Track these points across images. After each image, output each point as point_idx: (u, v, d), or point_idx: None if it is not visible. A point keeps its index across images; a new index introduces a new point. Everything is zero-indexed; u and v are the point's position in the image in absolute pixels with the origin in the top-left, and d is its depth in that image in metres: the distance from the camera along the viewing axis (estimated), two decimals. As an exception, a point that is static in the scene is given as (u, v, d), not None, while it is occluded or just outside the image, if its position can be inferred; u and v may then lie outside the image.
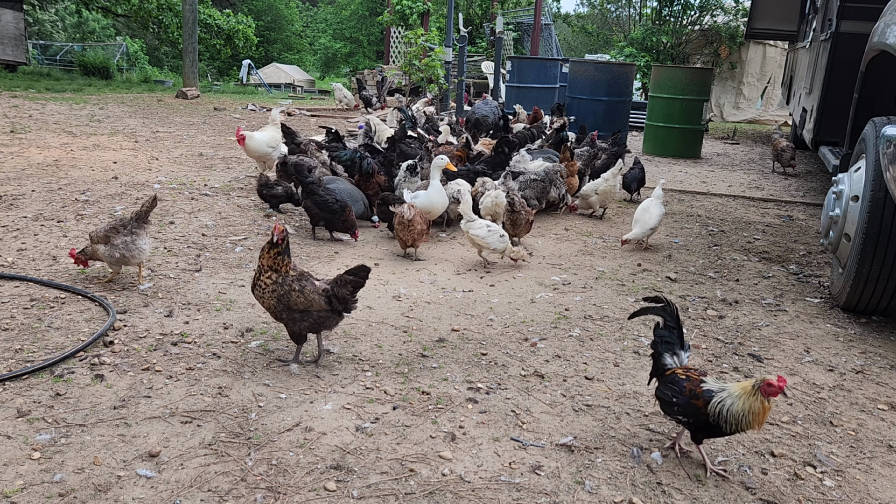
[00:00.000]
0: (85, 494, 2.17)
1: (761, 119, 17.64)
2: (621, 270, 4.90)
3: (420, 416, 2.75)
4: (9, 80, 15.50)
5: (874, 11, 4.64)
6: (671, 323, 2.62)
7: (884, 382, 3.33)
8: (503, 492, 2.31)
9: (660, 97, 10.89)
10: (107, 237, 3.82)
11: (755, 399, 2.28)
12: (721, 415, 2.33)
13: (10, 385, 2.77)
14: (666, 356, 2.58)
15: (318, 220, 5.18)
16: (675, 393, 2.45)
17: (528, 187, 5.95)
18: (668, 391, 2.49)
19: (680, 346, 2.60)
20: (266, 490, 2.24)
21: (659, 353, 2.60)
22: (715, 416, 2.35)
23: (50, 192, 5.87)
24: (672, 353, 2.58)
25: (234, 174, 7.28)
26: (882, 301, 4.03)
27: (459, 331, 3.64)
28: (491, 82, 16.06)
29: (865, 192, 3.91)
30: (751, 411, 2.28)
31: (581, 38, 31.14)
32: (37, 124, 9.58)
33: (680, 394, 2.44)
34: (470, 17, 21.11)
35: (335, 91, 15.70)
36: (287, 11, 44.20)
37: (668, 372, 2.53)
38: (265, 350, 3.25)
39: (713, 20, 18.13)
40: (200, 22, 18.78)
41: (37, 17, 31.89)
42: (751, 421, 2.30)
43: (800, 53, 9.80)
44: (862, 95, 4.99)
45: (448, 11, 12.82)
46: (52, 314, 3.48)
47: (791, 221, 6.82)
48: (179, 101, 14.66)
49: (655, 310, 2.66)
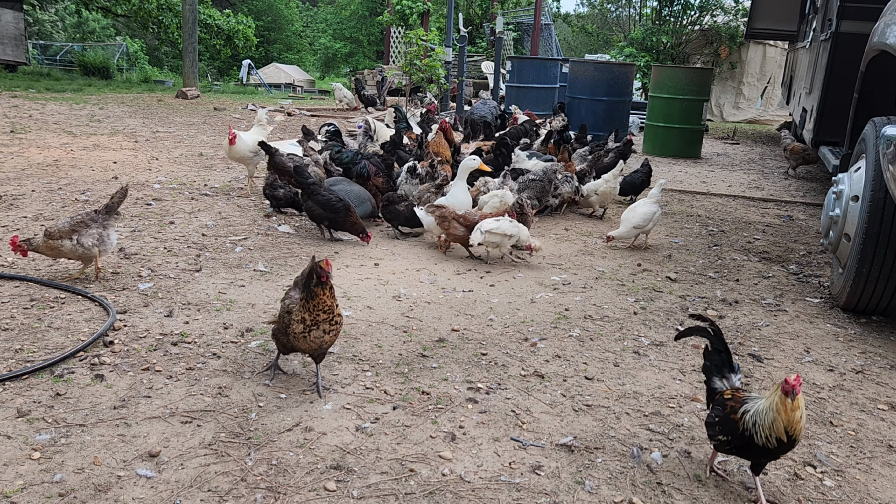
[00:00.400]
0: (85, 494, 2.17)
1: (761, 119, 17.65)
2: (621, 270, 4.90)
3: (420, 416, 2.75)
4: (9, 80, 15.50)
5: (874, 11, 4.64)
6: (718, 345, 2.51)
7: (884, 382, 3.33)
8: (503, 492, 2.31)
9: (660, 97, 10.89)
10: (72, 231, 3.78)
11: (778, 398, 2.19)
12: (753, 423, 2.23)
13: (10, 385, 2.77)
14: (715, 380, 2.49)
15: (321, 219, 5.13)
16: (718, 413, 2.37)
17: (528, 187, 5.95)
18: (712, 413, 2.41)
19: (729, 369, 2.49)
20: (266, 490, 2.24)
21: (708, 378, 2.52)
22: (747, 426, 2.24)
23: (50, 192, 5.87)
24: (721, 375, 2.49)
25: (234, 174, 7.28)
26: (882, 301, 4.03)
27: (459, 331, 3.64)
28: (491, 82, 16.06)
29: (865, 192, 3.91)
30: (775, 410, 2.18)
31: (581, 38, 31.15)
32: (37, 124, 9.58)
33: (721, 412, 2.35)
34: (470, 17, 21.12)
35: (335, 91, 15.69)
36: (287, 11, 44.22)
37: (717, 396, 2.45)
38: (265, 350, 3.25)
39: (713, 20, 18.14)
40: (200, 22, 18.79)
41: (37, 17, 31.90)
42: (777, 423, 2.17)
43: (800, 53, 9.80)
44: (862, 95, 4.99)
45: (448, 11, 12.82)
46: (52, 314, 3.48)
47: (791, 221, 6.82)
48: (179, 101, 14.66)
49: (700, 331, 2.55)
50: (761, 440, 2.21)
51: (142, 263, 4.32)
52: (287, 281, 4.21)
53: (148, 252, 4.55)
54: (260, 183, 6.48)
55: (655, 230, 5.91)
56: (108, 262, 4.29)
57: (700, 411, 2.93)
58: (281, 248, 4.90)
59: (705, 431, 2.47)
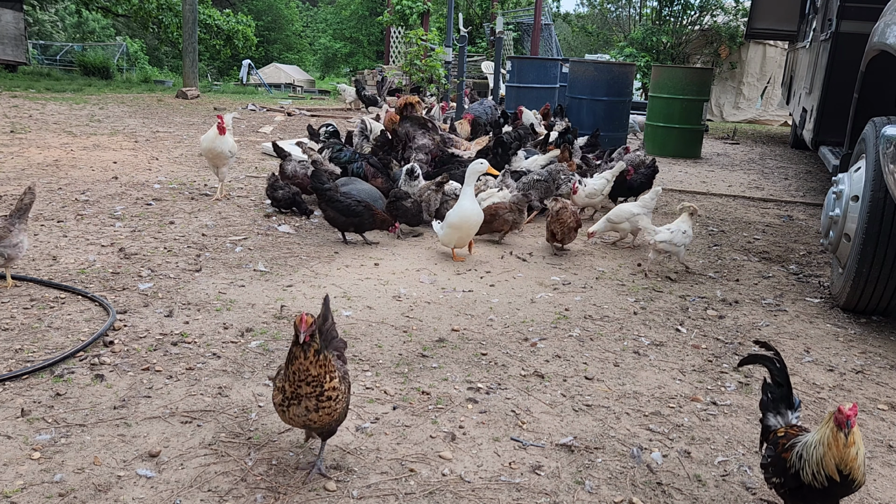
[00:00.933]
0: (85, 494, 2.17)
1: (761, 119, 17.65)
2: (621, 270, 4.90)
3: (420, 416, 2.75)
4: (9, 80, 15.50)
5: (874, 11, 4.64)
6: (779, 378, 2.26)
7: (884, 382, 3.33)
8: (503, 492, 2.31)
9: (660, 97, 10.89)
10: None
11: (829, 431, 1.92)
12: (799, 457, 1.99)
13: (10, 385, 2.77)
14: (770, 416, 2.25)
15: (346, 227, 5.01)
16: (770, 452, 2.15)
17: (532, 188, 5.94)
18: (766, 453, 2.19)
19: (787, 405, 2.25)
20: (266, 490, 2.24)
21: (763, 414, 2.28)
22: (793, 462, 2.01)
23: (50, 192, 5.87)
24: (776, 412, 2.25)
25: (234, 174, 7.28)
26: (882, 301, 4.02)
27: (459, 331, 3.64)
28: (491, 82, 16.06)
29: (865, 192, 3.90)
30: (825, 444, 1.92)
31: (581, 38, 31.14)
32: (37, 124, 9.58)
33: (773, 452, 2.13)
34: (470, 17, 21.11)
35: (342, 91, 15.80)
36: (287, 11, 44.21)
37: (771, 434, 2.21)
38: (265, 350, 3.25)
39: (713, 20, 18.14)
40: (200, 22, 18.79)
41: (37, 17, 31.89)
42: (826, 459, 1.91)
43: (800, 53, 9.80)
44: (862, 95, 4.99)
45: (448, 11, 12.81)
46: (52, 314, 3.48)
47: (791, 221, 6.82)
48: (179, 101, 14.66)
49: (763, 359, 2.31)
50: (808, 477, 1.96)
51: (142, 263, 4.32)
52: (287, 281, 4.21)
53: (148, 252, 4.55)
54: (261, 185, 6.48)
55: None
56: (108, 262, 4.29)
57: (700, 411, 2.93)
58: (281, 248, 4.90)
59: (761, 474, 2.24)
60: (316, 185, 5.05)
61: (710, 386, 3.18)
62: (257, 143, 9.53)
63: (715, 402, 3.02)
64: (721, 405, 2.99)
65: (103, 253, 4.47)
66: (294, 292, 4.03)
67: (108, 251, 4.51)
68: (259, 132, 10.86)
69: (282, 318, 3.63)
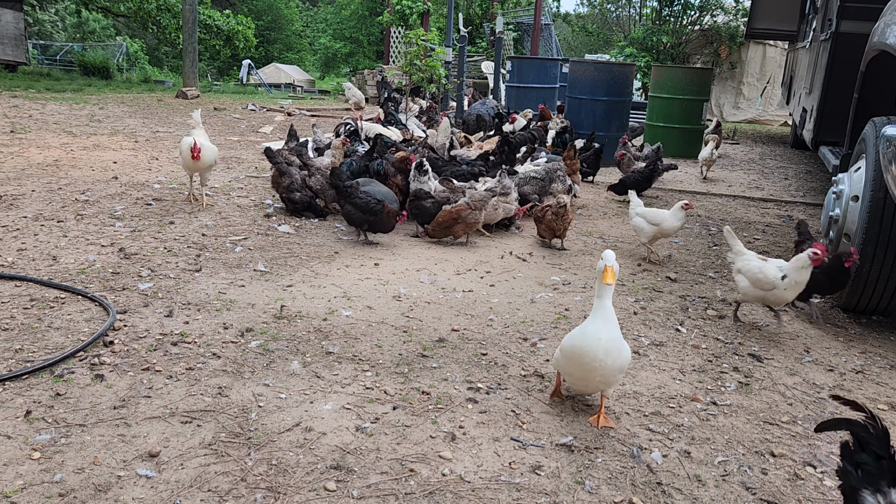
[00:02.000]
0: (85, 494, 2.17)
1: (761, 119, 17.64)
2: (621, 270, 4.90)
3: (420, 416, 2.75)
4: (9, 80, 15.50)
5: (874, 11, 4.64)
6: (878, 449, 1.67)
7: (884, 382, 3.33)
8: (503, 492, 2.31)
9: (660, 97, 10.90)
10: None
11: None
12: None
13: (10, 385, 2.77)
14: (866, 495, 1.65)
15: (361, 223, 5.10)
16: None
17: (527, 184, 5.99)
18: None
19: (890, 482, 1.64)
20: (266, 490, 2.24)
21: (854, 489, 1.67)
22: None
23: (50, 192, 5.87)
24: (877, 489, 1.64)
25: (234, 174, 7.28)
26: (882, 301, 4.03)
27: (459, 331, 3.64)
28: (491, 82, 16.06)
29: (865, 192, 3.91)
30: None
31: (581, 38, 31.14)
32: (37, 124, 9.58)
33: None
34: (470, 17, 21.11)
35: (345, 90, 15.87)
36: (287, 11, 44.18)
37: None
38: (265, 350, 3.25)
39: (713, 20, 18.12)
40: (200, 22, 18.78)
41: (37, 17, 31.88)
42: None
43: (800, 53, 9.80)
44: (862, 95, 4.99)
45: (448, 11, 12.82)
46: (52, 314, 3.48)
47: (791, 221, 6.81)
48: (179, 101, 14.66)
49: (853, 425, 1.73)
50: None
51: (142, 263, 4.32)
52: (287, 281, 4.21)
53: (148, 252, 4.55)
54: (261, 185, 6.48)
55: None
56: (108, 262, 4.29)
57: (700, 411, 2.93)
58: (281, 248, 4.90)
59: None
60: (336, 182, 5.18)
61: (710, 386, 3.18)
62: (257, 143, 9.52)
63: (715, 402, 3.02)
64: (721, 405, 3.00)
65: (103, 253, 4.47)
66: (294, 292, 4.03)
67: (108, 251, 4.51)
68: (259, 132, 10.86)
69: (282, 318, 3.63)
